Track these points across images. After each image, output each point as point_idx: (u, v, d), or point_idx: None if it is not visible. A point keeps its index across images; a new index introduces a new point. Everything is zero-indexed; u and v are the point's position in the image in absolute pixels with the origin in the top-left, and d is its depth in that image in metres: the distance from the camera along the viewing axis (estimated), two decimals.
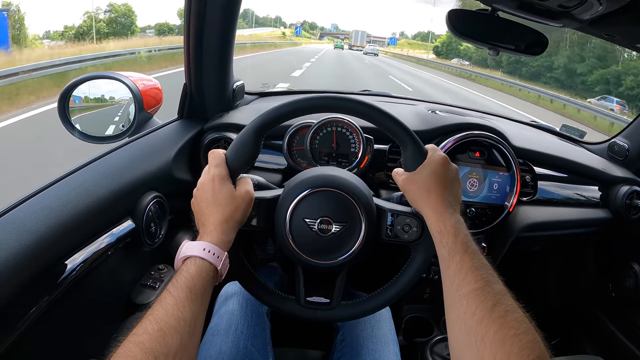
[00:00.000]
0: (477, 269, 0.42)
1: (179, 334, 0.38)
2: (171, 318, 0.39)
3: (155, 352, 0.36)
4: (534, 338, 0.36)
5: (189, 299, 0.41)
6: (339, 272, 0.56)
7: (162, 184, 0.73)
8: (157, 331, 0.37)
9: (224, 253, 0.47)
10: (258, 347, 0.65)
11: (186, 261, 0.45)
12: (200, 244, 0.46)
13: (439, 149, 0.54)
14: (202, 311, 0.43)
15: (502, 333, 0.36)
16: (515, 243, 0.94)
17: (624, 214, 1.01)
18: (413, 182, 0.52)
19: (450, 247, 0.45)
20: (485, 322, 0.37)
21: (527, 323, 0.37)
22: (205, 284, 0.44)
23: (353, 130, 0.84)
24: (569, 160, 1.01)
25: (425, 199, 0.50)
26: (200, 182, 0.51)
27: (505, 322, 0.37)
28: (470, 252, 0.44)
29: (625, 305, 1.12)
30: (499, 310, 0.38)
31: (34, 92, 5.08)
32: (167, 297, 0.41)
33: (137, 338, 0.37)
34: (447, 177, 0.51)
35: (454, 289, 0.42)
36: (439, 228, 0.47)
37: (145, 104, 0.87)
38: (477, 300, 0.39)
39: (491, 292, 0.39)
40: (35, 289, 0.48)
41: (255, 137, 0.51)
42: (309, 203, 0.53)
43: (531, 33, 0.84)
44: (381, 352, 0.67)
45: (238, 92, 0.92)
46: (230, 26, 0.77)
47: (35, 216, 0.51)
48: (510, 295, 0.40)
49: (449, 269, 0.44)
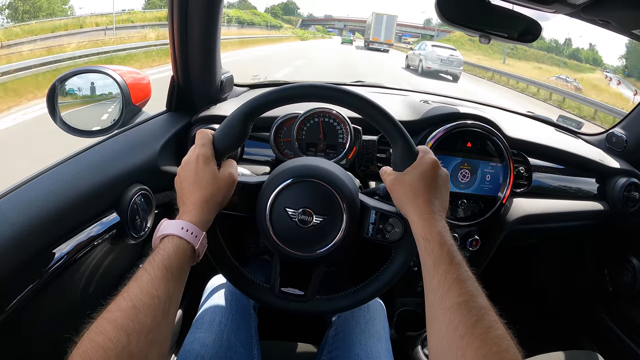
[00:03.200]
0: (461, 282, 0.41)
1: (153, 311, 0.38)
2: (145, 295, 0.38)
3: (128, 329, 0.36)
4: (515, 356, 0.36)
5: (165, 278, 0.40)
6: (316, 265, 0.56)
7: (148, 176, 0.73)
8: (131, 308, 0.37)
9: (202, 233, 0.46)
10: (242, 340, 0.65)
11: (164, 239, 0.44)
12: (179, 222, 0.45)
13: (430, 151, 0.52)
14: (178, 290, 0.42)
15: (484, 350, 0.35)
16: (509, 236, 0.93)
17: (621, 207, 0.99)
18: (400, 183, 0.51)
19: (435, 256, 0.44)
20: (468, 338, 0.37)
21: (509, 340, 0.37)
22: (182, 263, 0.43)
23: (341, 120, 0.83)
24: (565, 152, 0.99)
25: (412, 202, 0.49)
26: (185, 160, 0.51)
27: (488, 339, 0.36)
28: (456, 263, 0.43)
29: (622, 300, 1.10)
30: (481, 327, 0.37)
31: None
32: (143, 274, 0.40)
33: (110, 315, 0.37)
34: (436, 182, 0.50)
35: (437, 301, 0.41)
36: (424, 234, 0.46)
37: (133, 97, 0.86)
38: (460, 314, 0.38)
39: (475, 307, 0.39)
40: (17, 280, 0.48)
41: (243, 120, 0.51)
42: (291, 192, 0.52)
43: (524, 20, 0.82)
44: (373, 347, 0.66)
45: (226, 83, 0.91)
46: (214, 16, 0.76)
47: (16, 209, 0.50)
48: (493, 310, 0.40)
49: (433, 280, 0.43)
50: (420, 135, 0.87)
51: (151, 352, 0.37)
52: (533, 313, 1.29)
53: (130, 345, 0.35)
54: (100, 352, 0.34)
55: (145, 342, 0.36)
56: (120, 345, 0.35)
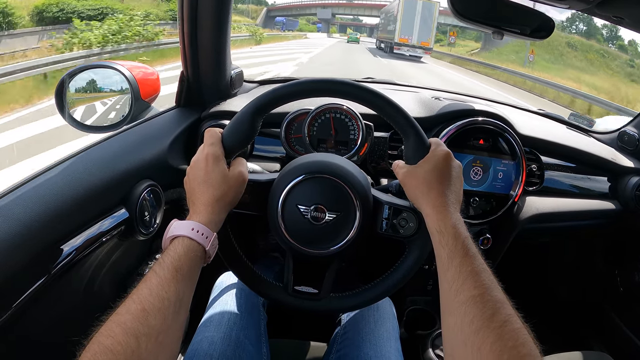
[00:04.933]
0: (477, 274, 0.40)
1: (163, 314, 0.37)
2: (155, 298, 0.38)
3: (137, 333, 0.35)
4: (532, 351, 0.35)
5: (175, 279, 0.40)
6: (330, 262, 0.55)
7: (158, 172, 0.72)
8: (140, 311, 0.36)
9: (213, 233, 0.46)
10: (251, 338, 0.64)
11: (174, 241, 0.44)
12: (189, 223, 0.45)
13: (442, 143, 0.52)
14: (188, 292, 0.42)
15: (500, 344, 0.34)
16: (521, 234, 0.92)
17: (633, 206, 0.97)
18: (413, 176, 0.50)
19: (450, 248, 0.43)
20: (483, 331, 0.36)
21: (525, 334, 0.36)
22: (192, 265, 0.42)
23: (352, 116, 0.82)
24: (577, 150, 0.98)
25: (425, 195, 0.48)
26: (194, 160, 0.50)
27: (504, 333, 0.35)
28: (471, 256, 0.42)
29: (633, 300, 1.09)
30: (497, 320, 0.36)
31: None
32: (153, 276, 0.40)
33: (119, 318, 0.36)
34: (449, 174, 0.49)
35: (452, 294, 0.40)
36: (438, 227, 0.45)
37: (142, 92, 0.86)
38: (475, 307, 0.38)
39: (490, 300, 0.38)
40: (25, 276, 0.48)
41: (252, 117, 0.50)
42: (303, 189, 0.51)
43: (537, 16, 0.81)
44: (383, 347, 0.66)
45: (236, 79, 0.90)
46: (224, 12, 0.75)
47: (24, 205, 0.50)
48: (509, 303, 0.39)
49: (448, 272, 0.42)
50: (432, 132, 0.86)
51: (161, 355, 0.37)
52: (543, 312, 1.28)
53: (140, 348, 0.34)
54: (109, 355, 0.33)
55: (155, 345, 0.36)
56: (130, 349, 0.34)
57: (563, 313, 1.20)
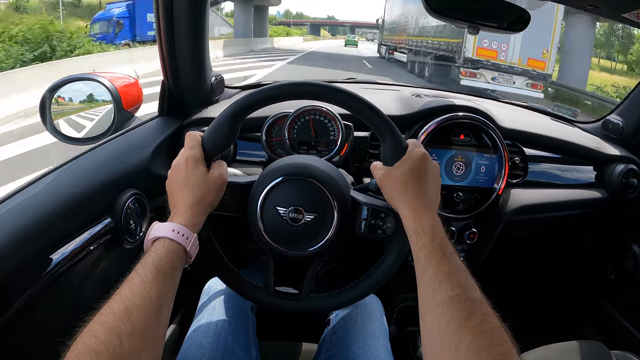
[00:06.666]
0: (454, 275, 0.41)
1: (145, 313, 0.38)
2: (137, 297, 0.39)
3: (120, 331, 0.36)
4: (509, 349, 0.35)
5: (157, 279, 0.41)
6: (310, 263, 0.56)
7: (141, 181, 0.73)
8: (123, 310, 0.37)
9: (194, 234, 0.47)
10: (240, 341, 0.65)
11: (155, 242, 0.45)
12: (170, 225, 0.46)
13: (420, 144, 0.52)
14: (170, 292, 0.43)
15: (477, 344, 0.35)
16: (507, 227, 0.92)
17: (620, 194, 0.98)
18: (390, 178, 0.50)
19: (427, 249, 0.44)
20: (461, 331, 0.36)
21: (502, 333, 0.36)
22: (173, 265, 0.43)
23: (331, 117, 0.83)
24: (561, 140, 0.98)
25: (402, 197, 0.48)
26: (175, 163, 0.51)
27: (481, 332, 0.36)
28: (448, 256, 0.43)
29: (625, 288, 1.09)
30: (474, 320, 0.37)
31: None
32: (135, 277, 0.41)
33: (102, 317, 0.37)
34: (426, 175, 0.49)
35: (430, 295, 0.41)
36: (415, 228, 0.46)
37: (124, 103, 0.87)
38: (453, 308, 0.38)
39: (467, 300, 0.38)
40: (14, 286, 0.49)
41: (231, 121, 0.51)
42: (282, 191, 0.52)
43: (513, 9, 0.81)
44: (371, 345, 0.66)
45: (217, 85, 0.91)
46: (200, 18, 0.76)
47: (11, 217, 0.51)
48: (487, 302, 0.39)
49: (425, 274, 0.42)
50: (412, 129, 0.86)
51: (143, 353, 0.37)
52: (535, 304, 1.28)
53: (122, 347, 0.35)
54: (93, 355, 0.34)
55: (137, 344, 0.37)
56: (112, 347, 0.35)
57: (555, 303, 1.21)
